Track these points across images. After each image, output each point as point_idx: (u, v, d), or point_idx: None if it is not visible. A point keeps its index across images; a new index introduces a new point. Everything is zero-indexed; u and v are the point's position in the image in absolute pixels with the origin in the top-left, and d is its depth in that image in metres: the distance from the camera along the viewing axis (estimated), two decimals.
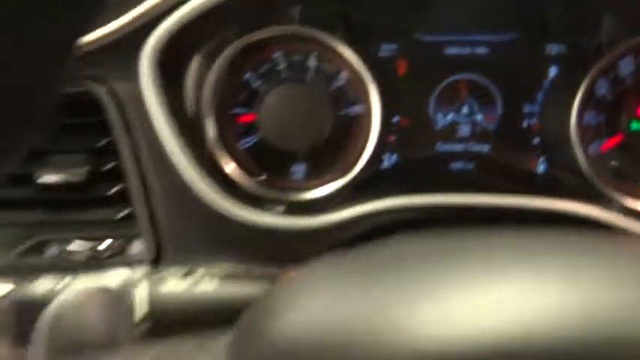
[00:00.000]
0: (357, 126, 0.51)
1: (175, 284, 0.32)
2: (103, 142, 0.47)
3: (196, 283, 0.33)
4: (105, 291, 0.22)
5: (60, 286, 0.30)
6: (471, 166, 0.52)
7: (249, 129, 0.51)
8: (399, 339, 0.14)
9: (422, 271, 0.16)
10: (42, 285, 0.30)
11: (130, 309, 0.23)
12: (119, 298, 0.22)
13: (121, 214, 0.48)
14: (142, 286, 0.28)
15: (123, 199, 0.48)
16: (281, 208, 0.48)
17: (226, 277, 0.35)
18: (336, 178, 0.51)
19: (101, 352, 0.20)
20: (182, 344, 0.18)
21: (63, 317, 0.22)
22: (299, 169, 0.51)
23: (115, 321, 0.22)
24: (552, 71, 0.50)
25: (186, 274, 0.34)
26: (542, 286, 0.15)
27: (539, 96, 0.50)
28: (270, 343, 0.15)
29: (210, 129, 0.49)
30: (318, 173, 0.51)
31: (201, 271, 0.35)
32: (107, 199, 0.48)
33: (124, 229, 0.48)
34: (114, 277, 0.31)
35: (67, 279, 0.32)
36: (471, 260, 0.16)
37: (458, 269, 0.16)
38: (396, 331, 0.14)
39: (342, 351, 0.14)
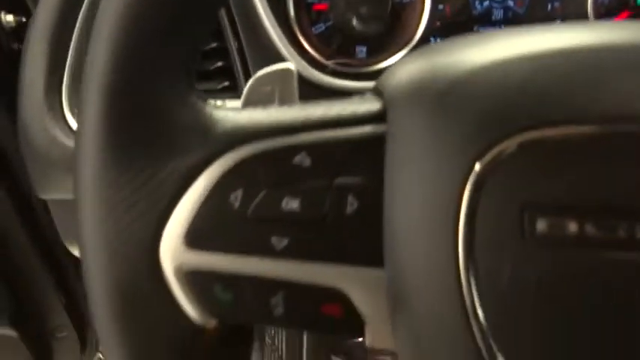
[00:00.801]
0: (410, 13, 0.62)
1: None
2: None
3: None
4: (288, 70, 0.34)
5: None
6: None
7: (321, 16, 0.62)
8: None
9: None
10: None
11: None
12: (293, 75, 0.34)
13: (222, 85, 0.60)
14: None
15: (222, 73, 0.60)
16: None
17: None
18: (390, 57, 0.62)
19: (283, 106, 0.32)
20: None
21: (256, 86, 0.34)
22: (362, 50, 0.63)
23: (290, 92, 0.34)
24: None
25: None
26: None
27: None
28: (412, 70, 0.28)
29: (291, 12, 0.60)
30: (377, 53, 0.63)
31: None
32: (210, 73, 0.60)
33: (225, 96, 0.61)
34: None
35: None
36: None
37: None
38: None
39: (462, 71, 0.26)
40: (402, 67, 0.30)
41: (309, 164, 0.28)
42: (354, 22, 0.61)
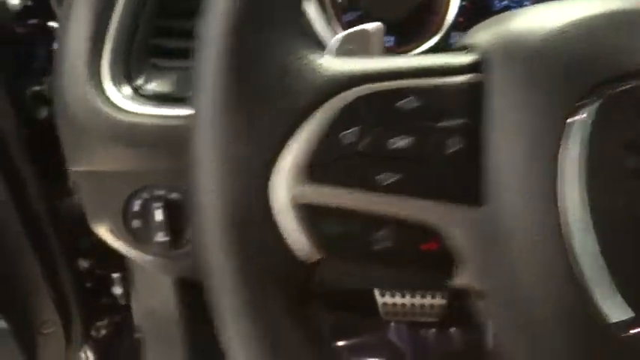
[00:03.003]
0: (438, 7, 0.65)
1: None
2: None
3: None
4: (377, 28, 0.36)
5: None
6: None
7: (352, 5, 0.64)
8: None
9: None
10: None
11: None
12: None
13: None
14: None
15: None
16: None
17: None
18: (417, 47, 0.66)
19: None
20: None
21: (344, 43, 0.36)
22: (390, 39, 0.65)
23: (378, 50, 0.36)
24: None
25: None
26: None
27: None
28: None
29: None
30: (404, 43, 0.66)
31: None
32: None
33: None
34: None
35: None
36: None
37: None
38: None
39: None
40: (494, 27, 0.32)
41: (416, 106, 0.30)
42: (384, 11, 0.64)
